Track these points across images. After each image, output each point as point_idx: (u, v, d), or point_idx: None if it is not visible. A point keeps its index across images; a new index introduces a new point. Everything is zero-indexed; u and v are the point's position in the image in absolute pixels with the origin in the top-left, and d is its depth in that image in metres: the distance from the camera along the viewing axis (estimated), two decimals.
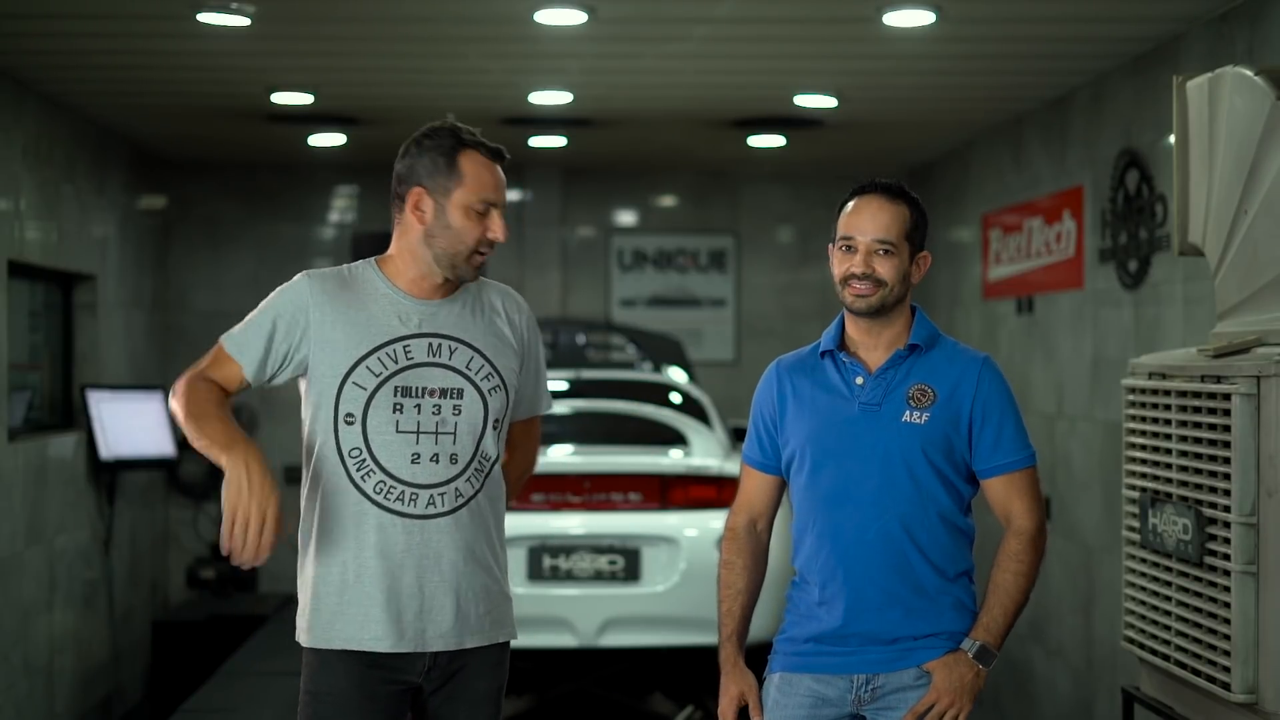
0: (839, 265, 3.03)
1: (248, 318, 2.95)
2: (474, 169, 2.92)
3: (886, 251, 2.99)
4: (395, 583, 2.88)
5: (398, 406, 2.88)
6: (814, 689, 3.02)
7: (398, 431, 2.88)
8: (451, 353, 2.94)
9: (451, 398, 2.92)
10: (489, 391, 2.96)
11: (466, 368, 2.95)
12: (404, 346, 2.91)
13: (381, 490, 2.88)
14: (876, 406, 3.01)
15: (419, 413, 2.89)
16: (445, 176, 2.91)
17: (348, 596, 2.88)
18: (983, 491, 3.06)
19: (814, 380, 3.09)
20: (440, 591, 2.90)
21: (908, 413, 2.99)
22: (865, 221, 3.00)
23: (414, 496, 2.89)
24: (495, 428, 2.98)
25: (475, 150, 2.93)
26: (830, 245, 3.09)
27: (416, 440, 2.88)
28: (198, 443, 2.84)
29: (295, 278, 2.97)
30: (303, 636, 2.94)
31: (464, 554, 2.93)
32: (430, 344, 2.93)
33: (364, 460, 2.88)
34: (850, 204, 3.05)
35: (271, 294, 2.96)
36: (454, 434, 2.91)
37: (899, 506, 2.98)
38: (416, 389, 2.89)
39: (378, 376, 2.88)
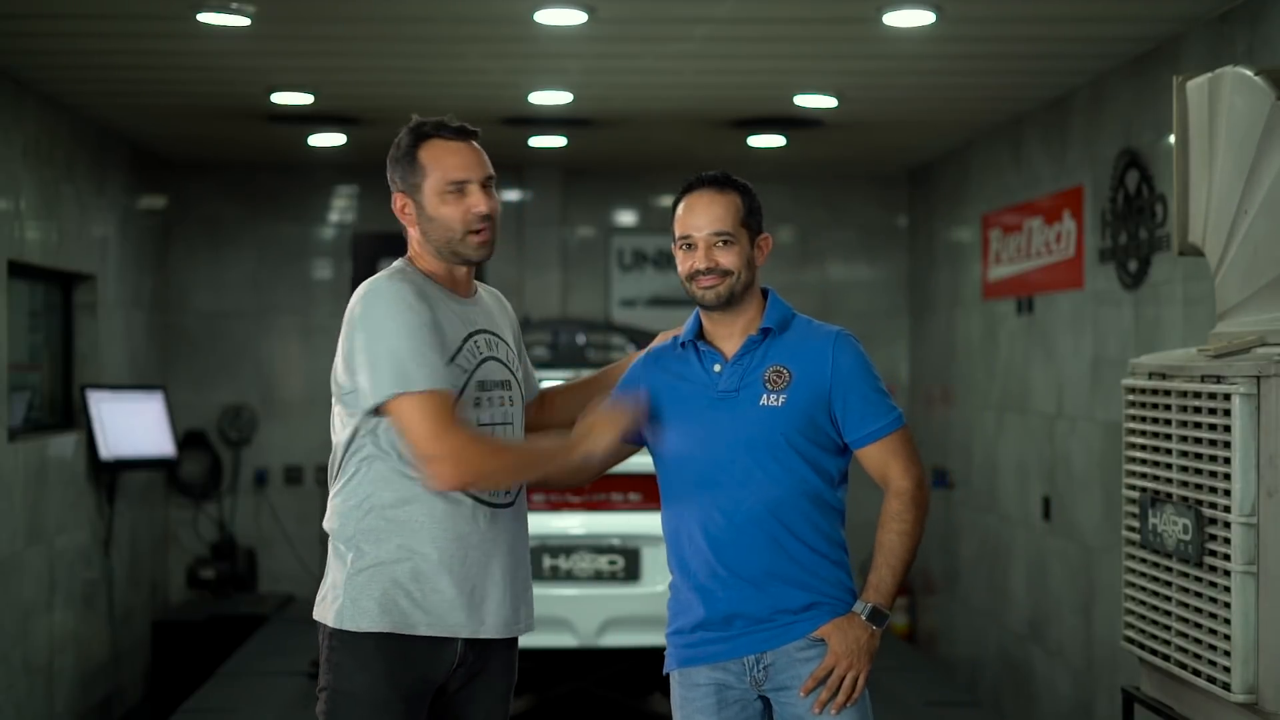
0: (682, 264, 3.11)
1: (402, 351, 2.80)
2: (434, 156, 2.96)
3: (725, 242, 3.07)
4: (484, 570, 2.93)
5: (478, 401, 2.95)
6: (713, 677, 3.08)
7: (480, 425, 2.94)
8: (496, 346, 3.04)
9: (505, 389, 3.01)
10: (521, 380, 3.10)
11: (507, 359, 3.05)
12: (474, 344, 2.97)
13: None
14: (734, 393, 3.07)
15: (491, 405, 2.97)
16: (412, 174, 2.98)
17: (421, 585, 2.88)
18: (857, 459, 3.12)
19: (676, 371, 3.16)
20: (510, 578, 2.98)
21: (765, 396, 3.05)
22: (699, 217, 3.09)
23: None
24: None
25: (435, 138, 2.97)
26: (673, 246, 3.15)
27: (494, 432, 2.97)
28: (544, 472, 3.02)
29: (389, 282, 2.87)
30: (353, 620, 2.87)
31: (522, 541, 3.04)
32: (485, 340, 3.01)
33: None
34: (682, 203, 3.13)
35: (381, 313, 2.83)
36: (513, 424, 3.03)
37: (765, 490, 3.03)
38: (488, 383, 2.97)
39: (465, 373, 2.93)
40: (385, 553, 2.88)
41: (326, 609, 2.92)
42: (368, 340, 2.84)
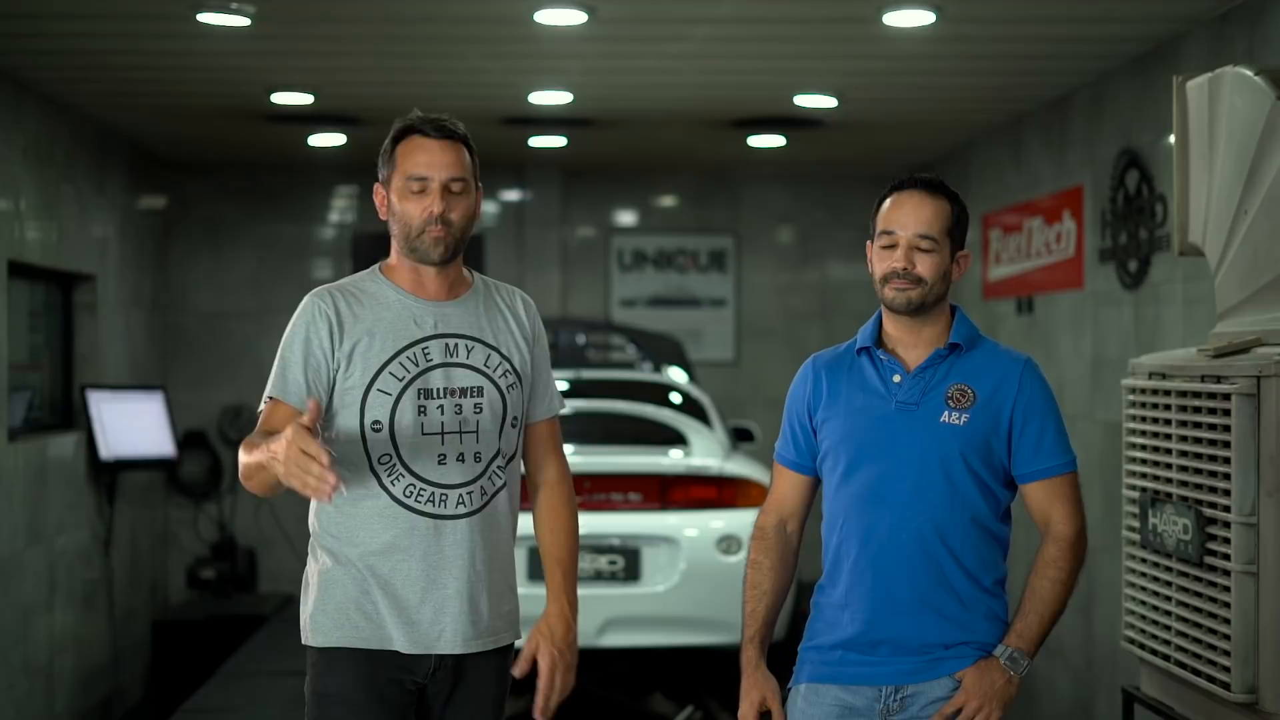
0: (879, 262, 2.95)
1: (276, 361, 2.95)
2: (407, 151, 2.93)
3: (928, 248, 2.92)
4: (424, 584, 2.90)
5: (421, 409, 2.89)
6: (841, 698, 2.95)
7: (423, 434, 2.89)
8: (469, 351, 2.96)
9: (472, 396, 2.94)
10: (507, 389, 2.99)
11: (485, 365, 2.97)
12: (423, 349, 2.93)
13: (411, 493, 2.89)
14: (914, 406, 2.93)
15: (442, 413, 2.91)
16: (387, 167, 2.96)
17: (370, 597, 2.90)
18: (1021, 496, 2.99)
19: (850, 378, 3.02)
20: (464, 592, 2.92)
21: (946, 413, 2.92)
22: (906, 216, 2.92)
23: (443, 497, 2.91)
24: (514, 425, 3.01)
25: (415, 134, 2.94)
26: (868, 243, 3.01)
27: (442, 441, 2.90)
28: (256, 478, 2.78)
29: (305, 300, 2.96)
30: (313, 637, 2.94)
31: (489, 553, 2.96)
32: (447, 344, 2.95)
33: (394, 465, 2.89)
34: (889, 199, 2.97)
35: (288, 326, 2.96)
36: (476, 432, 2.93)
37: (933, 509, 2.90)
38: (438, 390, 2.91)
39: (400, 381, 2.90)
40: (332, 567, 2.91)
41: (302, 613, 2.98)
42: None
